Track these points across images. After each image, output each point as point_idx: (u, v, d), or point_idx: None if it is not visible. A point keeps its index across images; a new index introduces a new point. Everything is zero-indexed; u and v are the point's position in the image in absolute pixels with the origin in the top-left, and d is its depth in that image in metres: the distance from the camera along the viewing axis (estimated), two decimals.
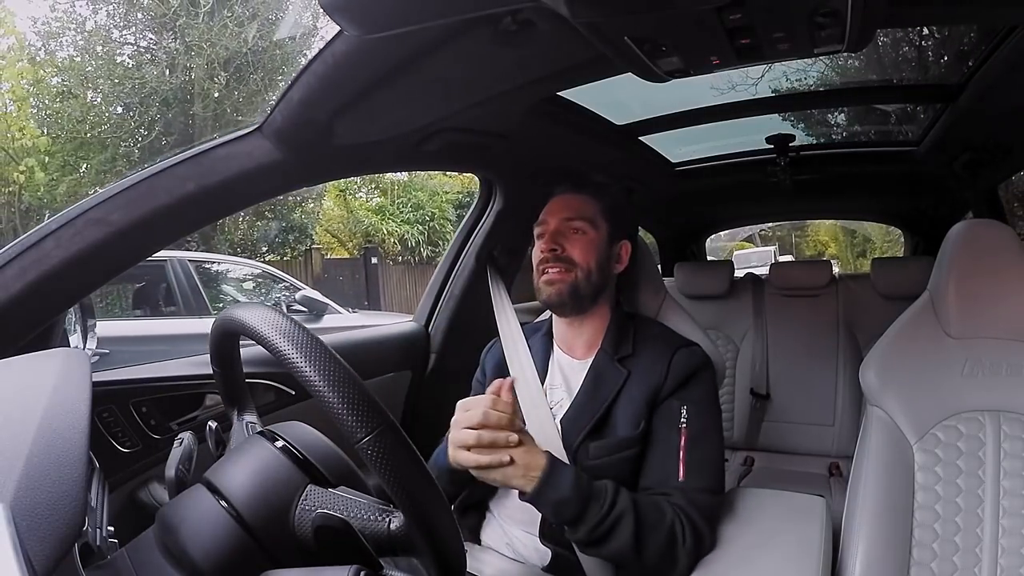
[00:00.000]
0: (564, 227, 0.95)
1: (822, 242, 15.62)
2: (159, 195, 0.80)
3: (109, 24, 7.86)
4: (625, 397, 0.89)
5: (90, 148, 7.71)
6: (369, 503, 0.50)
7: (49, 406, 0.44)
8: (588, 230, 0.94)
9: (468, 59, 0.80)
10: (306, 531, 0.49)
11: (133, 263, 0.84)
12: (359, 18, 0.59)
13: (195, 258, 4.61)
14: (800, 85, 1.58)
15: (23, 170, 6.92)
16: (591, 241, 0.94)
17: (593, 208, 0.96)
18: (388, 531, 0.48)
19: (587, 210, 0.95)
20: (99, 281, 0.80)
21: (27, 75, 7.19)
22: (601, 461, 0.87)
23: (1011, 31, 0.93)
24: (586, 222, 0.94)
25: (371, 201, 9.97)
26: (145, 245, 0.83)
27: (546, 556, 0.88)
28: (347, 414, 0.43)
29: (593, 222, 0.95)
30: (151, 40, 7.95)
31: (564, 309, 0.96)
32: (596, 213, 0.96)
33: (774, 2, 0.61)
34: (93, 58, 7.70)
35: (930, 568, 0.81)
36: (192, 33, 7.44)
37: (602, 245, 0.95)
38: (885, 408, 0.90)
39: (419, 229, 9.39)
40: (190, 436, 0.61)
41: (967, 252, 0.89)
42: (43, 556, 0.35)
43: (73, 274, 0.74)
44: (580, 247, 0.93)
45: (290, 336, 0.45)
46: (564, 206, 0.96)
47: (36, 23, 7.58)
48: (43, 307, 0.75)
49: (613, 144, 1.50)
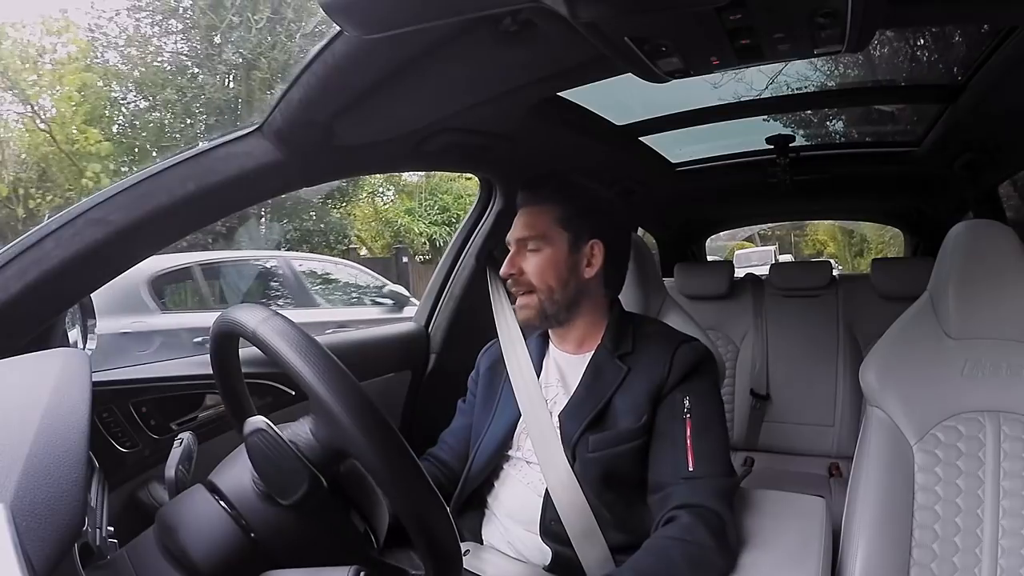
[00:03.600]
0: (519, 247, 0.94)
1: (821, 241, 15.68)
2: (159, 195, 0.80)
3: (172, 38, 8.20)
4: (625, 391, 0.89)
5: (146, 155, 7.92)
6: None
7: (49, 406, 0.44)
8: (541, 246, 0.92)
9: (468, 59, 0.80)
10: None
11: (133, 263, 0.84)
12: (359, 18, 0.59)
13: (295, 257, 5.29)
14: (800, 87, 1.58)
15: (91, 176, 6.94)
16: (546, 258, 0.92)
17: (547, 219, 0.93)
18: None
19: (539, 224, 0.93)
20: (99, 281, 0.80)
21: (89, 82, 7.30)
22: (601, 454, 0.86)
23: (1011, 31, 0.93)
24: (537, 239, 0.92)
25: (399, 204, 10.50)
26: (145, 245, 0.83)
27: (547, 555, 0.88)
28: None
29: (545, 237, 0.92)
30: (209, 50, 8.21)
31: (541, 327, 0.98)
32: (550, 224, 0.92)
33: (774, 2, 0.61)
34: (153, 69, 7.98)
35: (930, 568, 0.81)
36: (247, 45, 7.79)
37: (561, 257, 0.92)
38: (885, 408, 0.90)
39: (446, 230, 9.86)
40: (190, 436, 0.61)
41: (967, 252, 0.89)
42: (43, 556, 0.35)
43: (73, 274, 0.74)
44: (534, 267, 0.92)
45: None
46: (520, 223, 0.95)
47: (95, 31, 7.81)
48: (43, 307, 0.75)
49: (613, 144, 1.50)
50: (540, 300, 0.92)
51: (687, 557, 0.75)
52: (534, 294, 0.92)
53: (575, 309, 0.95)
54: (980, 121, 1.31)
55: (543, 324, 0.96)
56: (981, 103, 1.20)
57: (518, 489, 0.93)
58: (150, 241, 0.83)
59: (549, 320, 0.95)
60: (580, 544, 0.85)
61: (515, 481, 0.94)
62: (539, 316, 0.93)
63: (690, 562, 0.75)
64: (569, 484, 0.87)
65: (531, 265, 0.92)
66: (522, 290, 0.93)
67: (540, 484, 0.90)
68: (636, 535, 0.85)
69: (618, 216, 1.01)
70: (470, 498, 0.97)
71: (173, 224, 0.83)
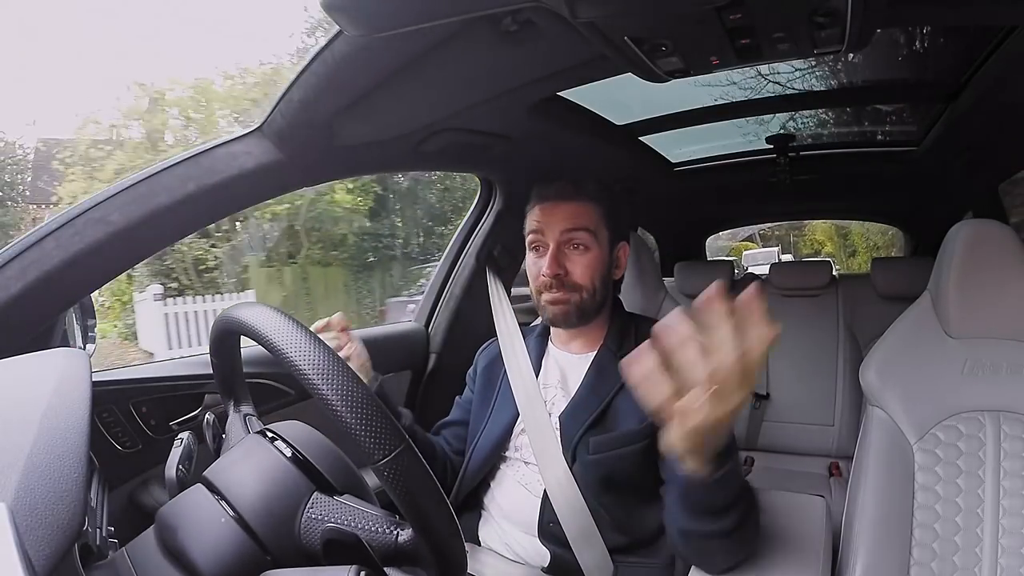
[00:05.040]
0: (564, 242, 0.90)
1: (819, 241, 15.78)
2: (159, 195, 0.80)
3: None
4: (628, 392, 0.87)
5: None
6: (378, 515, 0.50)
7: (49, 406, 0.44)
8: (591, 244, 0.90)
9: (468, 59, 0.79)
10: (314, 542, 0.49)
11: (133, 263, 0.84)
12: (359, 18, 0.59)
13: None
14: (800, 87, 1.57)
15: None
16: (594, 258, 0.90)
17: (594, 216, 0.90)
18: (395, 544, 0.48)
19: (588, 219, 0.90)
20: (99, 281, 0.80)
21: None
22: (602, 456, 0.86)
23: (1011, 31, 0.93)
24: (588, 234, 0.89)
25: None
26: (145, 245, 0.83)
27: (545, 557, 0.88)
28: (365, 436, 0.44)
29: (595, 233, 0.90)
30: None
31: (570, 327, 0.95)
32: (597, 221, 0.90)
33: (774, 2, 0.61)
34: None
35: (930, 568, 0.81)
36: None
37: (604, 257, 0.91)
38: (885, 408, 0.90)
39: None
40: (190, 436, 0.61)
41: (967, 252, 0.89)
42: (43, 556, 0.35)
43: (73, 274, 0.74)
44: (583, 266, 0.89)
45: (306, 353, 0.45)
46: (563, 216, 0.90)
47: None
48: (43, 307, 0.75)
49: (613, 144, 1.50)
50: (582, 298, 0.90)
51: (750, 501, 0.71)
52: (577, 292, 0.90)
53: (603, 309, 0.95)
54: (980, 120, 1.31)
55: (577, 323, 0.93)
56: (981, 102, 1.20)
57: (515, 490, 0.93)
58: (150, 241, 0.83)
59: (583, 319, 0.92)
60: (579, 546, 0.85)
61: (512, 482, 0.93)
62: (577, 315, 0.91)
63: (751, 505, 0.71)
64: (568, 486, 0.86)
65: (578, 265, 0.90)
66: (564, 290, 0.90)
67: (538, 485, 0.89)
68: (635, 536, 0.85)
69: (631, 217, 1.02)
70: (466, 499, 0.97)
71: (173, 224, 0.83)
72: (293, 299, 7.12)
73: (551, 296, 0.91)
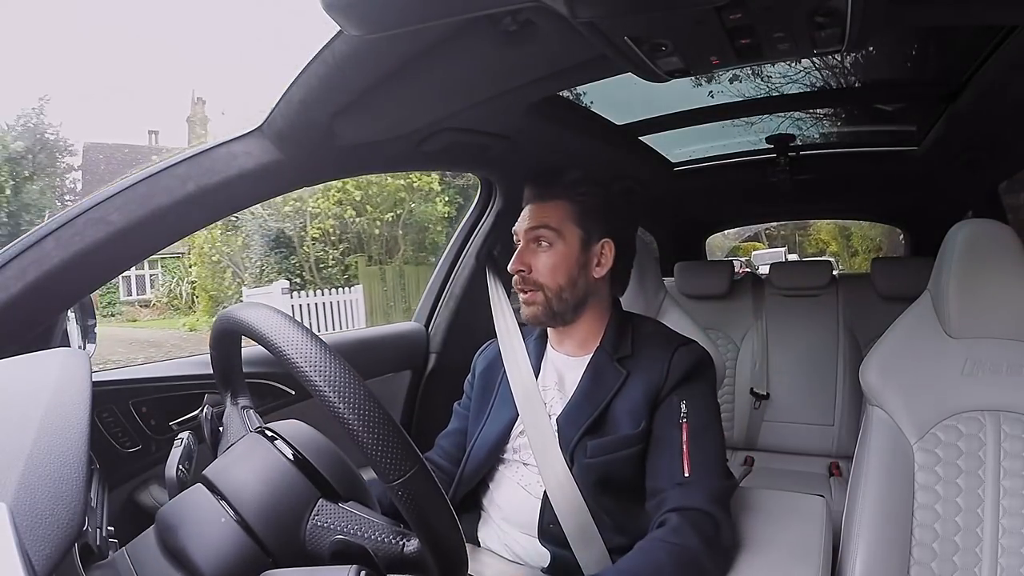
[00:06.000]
0: (531, 240, 0.91)
1: (823, 241, 15.90)
2: (159, 195, 0.80)
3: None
4: (624, 396, 0.88)
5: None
6: (384, 525, 0.50)
7: (49, 406, 0.44)
8: (554, 241, 0.90)
9: (468, 59, 0.79)
10: (321, 551, 0.49)
11: (133, 263, 0.84)
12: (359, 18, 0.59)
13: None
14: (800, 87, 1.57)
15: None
16: (558, 255, 0.90)
17: (560, 214, 0.90)
18: (401, 554, 0.49)
19: (552, 218, 0.90)
20: (99, 281, 0.80)
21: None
22: (600, 459, 0.86)
23: (1011, 31, 0.93)
24: (551, 232, 0.90)
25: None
26: (145, 245, 0.83)
27: (545, 557, 0.88)
28: (381, 456, 0.44)
29: (559, 231, 0.90)
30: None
31: (545, 325, 0.96)
32: (563, 219, 0.90)
33: (774, 2, 0.61)
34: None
35: (930, 568, 0.81)
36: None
37: (572, 255, 0.91)
38: (885, 408, 0.90)
39: None
40: (190, 436, 0.61)
41: (967, 252, 0.89)
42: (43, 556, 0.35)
43: (73, 274, 0.74)
44: (545, 265, 0.90)
45: (323, 370, 0.45)
46: (530, 214, 0.92)
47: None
48: (43, 307, 0.75)
49: (613, 144, 1.50)
50: (548, 298, 0.91)
51: (674, 559, 0.75)
52: (541, 292, 0.91)
53: (581, 309, 0.93)
54: (980, 120, 1.31)
55: (548, 323, 0.94)
56: (981, 102, 1.20)
57: (514, 491, 0.92)
58: (150, 241, 0.83)
59: (555, 319, 0.93)
60: (578, 546, 0.85)
61: (511, 483, 0.93)
62: (545, 314, 0.91)
63: (677, 563, 0.74)
64: (567, 487, 0.86)
65: (541, 262, 0.90)
66: (529, 287, 0.91)
67: (538, 486, 0.89)
68: (635, 537, 0.85)
69: (627, 215, 0.99)
70: (465, 500, 0.96)
71: (173, 224, 0.83)
72: (391, 292, 8.47)
73: (523, 296, 0.93)
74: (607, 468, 0.85)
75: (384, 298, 8.34)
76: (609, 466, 0.86)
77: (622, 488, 0.86)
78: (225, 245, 9.27)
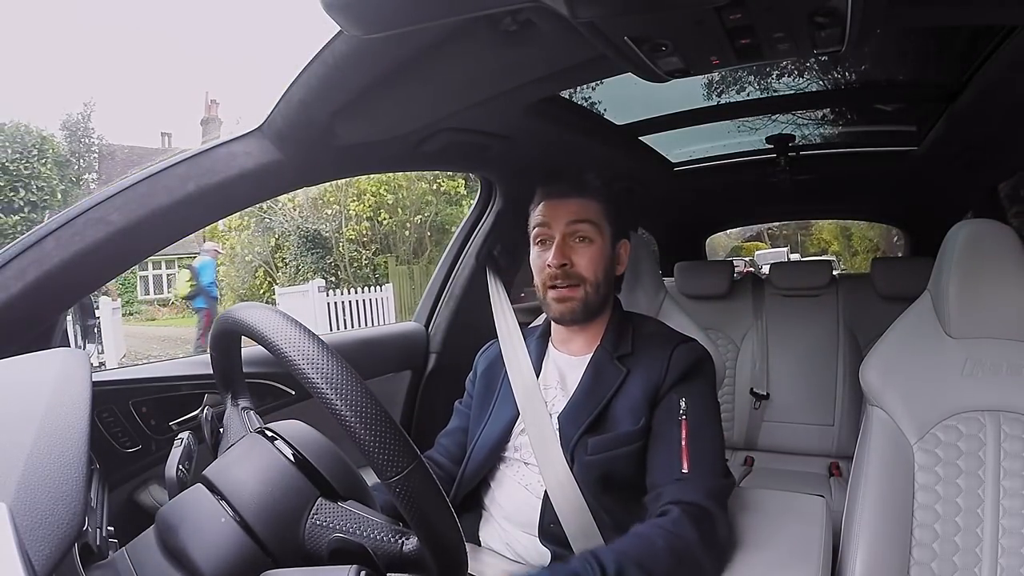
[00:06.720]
0: (569, 234, 0.91)
1: (825, 240, 16.01)
2: (159, 195, 0.80)
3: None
4: (624, 394, 0.89)
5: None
6: (383, 524, 0.50)
7: (49, 406, 0.44)
8: (594, 237, 0.91)
9: (468, 59, 0.79)
10: (320, 550, 0.49)
11: (133, 263, 0.84)
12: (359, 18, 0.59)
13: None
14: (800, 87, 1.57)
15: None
16: (598, 250, 0.91)
17: (596, 211, 0.92)
18: (400, 552, 0.49)
19: (591, 214, 0.91)
20: (99, 281, 0.80)
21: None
22: (600, 457, 0.86)
23: (1011, 31, 0.93)
24: (592, 227, 0.91)
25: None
26: (145, 245, 0.83)
27: (546, 556, 0.88)
28: (378, 453, 0.44)
29: (598, 227, 0.91)
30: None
31: (575, 323, 0.95)
32: (600, 216, 0.92)
33: (774, 2, 0.61)
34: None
35: (930, 568, 0.81)
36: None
37: (607, 252, 0.93)
38: (885, 408, 0.90)
39: None
40: (190, 436, 0.61)
41: (967, 252, 0.89)
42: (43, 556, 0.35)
43: (73, 274, 0.74)
44: (587, 259, 0.90)
45: (320, 367, 0.45)
46: (568, 209, 0.91)
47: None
48: (43, 307, 0.75)
49: (613, 144, 1.50)
50: (587, 292, 0.91)
51: (669, 546, 0.74)
52: (581, 286, 0.90)
53: (605, 306, 0.95)
54: (980, 120, 1.31)
55: (583, 319, 0.93)
56: (981, 102, 1.20)
57: (516, 491, 0.92)
58: (150, 241, 0.83)
59: (589, 315, 0.93)
60: (579, 545, 0.85)
61: (512, 483, 0.93)
62: (583, 309, 0.91)
63: (672, 552, 0.74)
64: (568, 486, 0.86)
65: (583, 256, 0.91)
66: (567, 282, 0.90)
67: (538, 486, 0.89)
68: None
69: (632, 217, 1.02)
70: (466, 499, 0.97)
71: (173, 224, 0.83)
72: (419, 290, 8.56)
73: (557, 293, 0.91)
74: (608, 465, 0.86)
75: (412, 296, 8.69)
76: (610, 463, 0.86)
77: (623, 487, 0.87)
78: (257, 245, 9.77)
